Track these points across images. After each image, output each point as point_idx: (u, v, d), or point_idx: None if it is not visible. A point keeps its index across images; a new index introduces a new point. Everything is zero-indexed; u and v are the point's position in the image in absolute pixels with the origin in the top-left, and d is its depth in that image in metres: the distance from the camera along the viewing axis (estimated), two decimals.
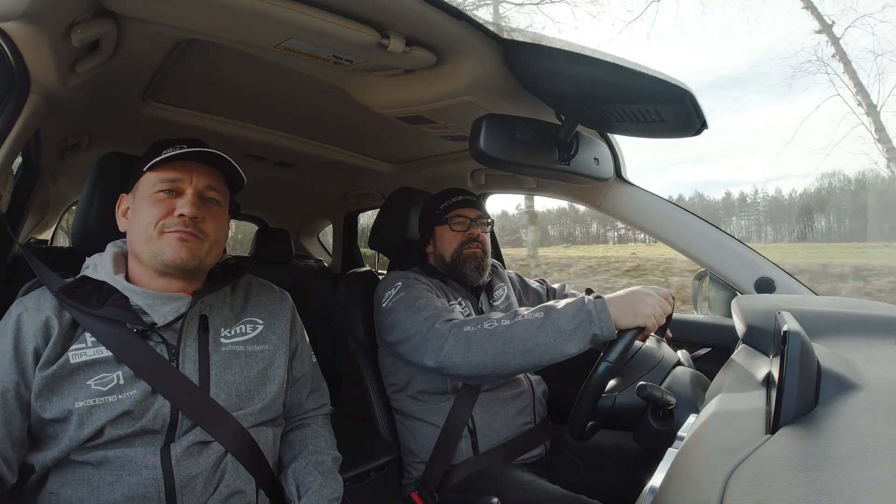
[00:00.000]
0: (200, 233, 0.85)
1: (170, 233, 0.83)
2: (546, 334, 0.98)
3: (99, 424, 0.76)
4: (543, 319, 0.99)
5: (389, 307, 1.24)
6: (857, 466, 0.38)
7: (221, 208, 0.91)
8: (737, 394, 0.66)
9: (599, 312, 0.97)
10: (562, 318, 0.98)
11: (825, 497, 0.35)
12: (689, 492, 0.46)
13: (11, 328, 0.78)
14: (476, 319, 1.07)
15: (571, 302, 1.01)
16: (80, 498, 0.76)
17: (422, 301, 1.19)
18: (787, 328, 0.52)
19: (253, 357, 0.91)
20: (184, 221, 0.83)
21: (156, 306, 0.83)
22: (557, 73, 0.90)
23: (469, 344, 1.03)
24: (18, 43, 0.81)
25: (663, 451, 0.62)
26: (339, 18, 0.80)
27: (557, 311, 1.00)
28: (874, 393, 0.52)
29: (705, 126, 0.89)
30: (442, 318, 1.12)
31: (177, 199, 0.85)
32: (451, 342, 1.05)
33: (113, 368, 0.79)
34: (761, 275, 1.28)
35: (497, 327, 1.02)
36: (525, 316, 1.02)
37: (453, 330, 1.07)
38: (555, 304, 1.03)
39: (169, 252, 0.83)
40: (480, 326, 1.04)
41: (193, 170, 0.86)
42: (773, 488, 0.38)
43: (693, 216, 1.36)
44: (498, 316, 1.06)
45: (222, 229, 0.91)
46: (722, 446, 0.49)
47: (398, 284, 1.27)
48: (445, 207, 1.38)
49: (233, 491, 0.83)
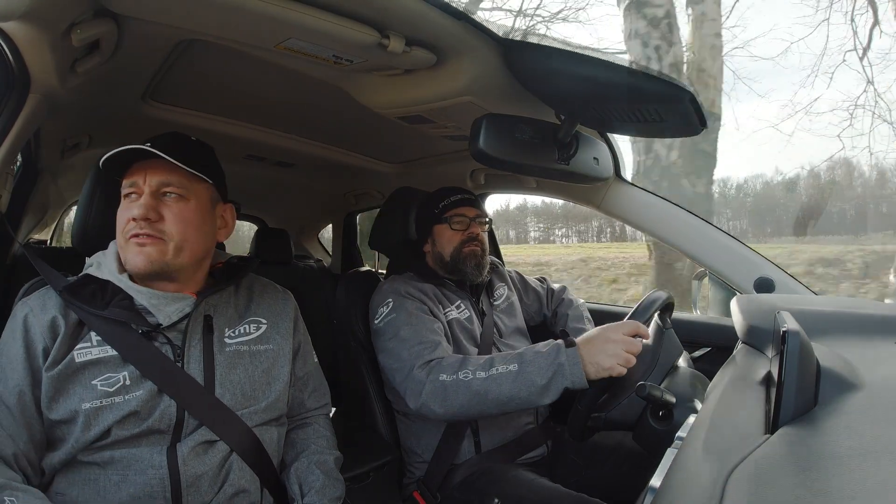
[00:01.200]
0: (159, 233, 0.82)
1: (130, 238, 0.82)
2: (520, 389, 1.01)
3: (106, 426, 0.76)
4: (517, 374, 1.02)
5: (380, 328, 1.26)
6: (856, 466, 0.38)
7: (185, 202, 0.84)
8: (736, 394, 0.66)
9: (572, 366, 0.99)
10: (535, 373, 1.01)
11: (825, 497, 0.35)
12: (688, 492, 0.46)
13: (20, 330, 0.78)
14: (453, 366, 1.09)
15: (545, 353, 1.03)
16: (86, 498, 0.76)
17: (406, 330, 1.20)
18: (787, 328, 0.52)
19: (257, 357, 0.91)
20: (138, 224, 0.81)
21: (160, 306, 0.83)
22: (557, 73, 0.90)
23: (445, 395, 1.06)
24: (18, 43, 0.81)
25: (663, 451, 0.62)
26: (339, 18, 0.80)
27: (531, 364, 1.02)
28: (873, 393, 0.52)
29: (705, 126, 0.89)
30: (422, 358, 1.13)
31: (136, 202, 0.83)
32: (429, 390, 1.08)
33: (119, 368, 0.79)
34: (761, 274, 1.28)
35: (472, 380, 1.05)
36: (499, 369, 1.04)
37: (430, 377, 1.09)
38: (529, 355, 1.04)
39: (132, 259, 0.82)
40: (456, 377, 1.06)
41: (148, 168, 0.83)
42: (773, 488, 0.38)
43: (692, 216, 1.36)
44: (474, 365, 1.07)
45: (190, 223, 0.84)
46: (721, 446, 0.49)
47: (389, 302, 1.28)
48: (444, 206, 1.38)
49: (237, 490, 0.83)
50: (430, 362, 1.13)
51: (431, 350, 1.16)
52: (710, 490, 0.41)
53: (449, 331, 1.29)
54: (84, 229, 0.95)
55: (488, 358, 1.07)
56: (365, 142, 1.66)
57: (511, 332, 1.43)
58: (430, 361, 1.13)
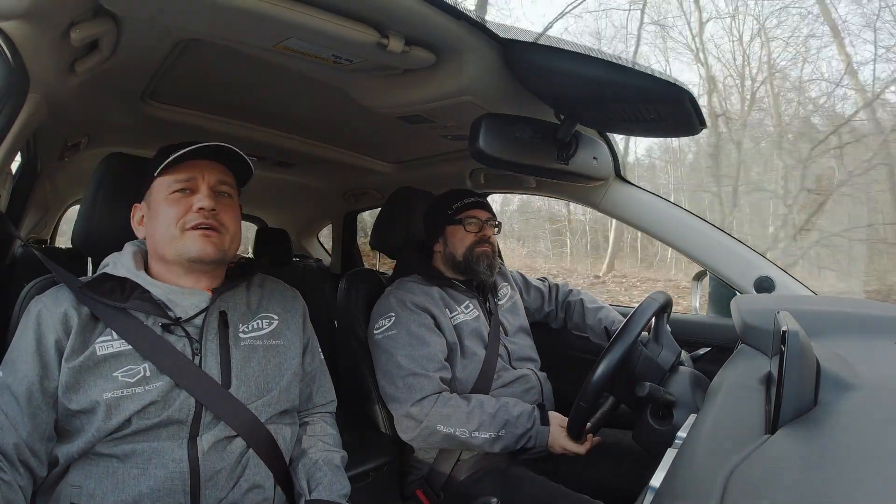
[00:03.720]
0: (220, 225, 0.88)
1: (191, 229, 0.86)
2: (491, 448, 1.18)
3: (127, 415, 0.77)
4: (495, 439, 1.17)
5: (378, 341, 1.29)
6: (856, 466, 0.38)
7: (234, 201, 0.94)
8: (736, 394, 0.66)
9: (538, 440, 1.17)
10: (511, 441, 1.17)
11: (825, 497, 0.35)
12: (688, 492, 0.46)
13: (32, 324, 0.80)
14: (444, 417, 1.18)
15: (520, 431, 1.17)
16: (104, 491, 0.77)
17: (402, 355, 1.23)
18: (787, 328, 0.52)
19: (270, 351, 0.93)
20: (203, 214, 0.85)
21: (178, 301, 0.86)
22: (557, 73, 0.90)
23: (430, 440, 1.21)
24: (18, 42, 0.80)
25: (663, 451, 0.62)
26: (339, 18, 0.80)
27: (510, 433, 1.17)
28: (873, 393, 0.52)
29: (704, 126, 0.89)
30: (418, 393, 1.20)
31: (192, 196, 0.87)
32: (418, 433, 1.20)
33: (139, 361, 0.81)
34: (761, 274, 1.28)
35: (457, 436, 1.17)
36: (481, 433, 1.17)
37: (424, 423, 1.19)
38: (510, 422, 1.18)
39: (193, 248, 0.85)
40: (441, 429, 1.18)
41: (204, 167, 0.89)
42: (773, 488, 0.38)
43: (692, 215, 1.36)
44: (461, 423, 1.18)
45: (238, 221, 0.94)
46: (721, 446, 0.49)
47: (391, 315, 1.30)
48: (458, 208, 1.40)
49: (252, 485, 0.84)
50: (423, 400, 1.20)
51: (427, 385, 1.21)
52: (710, 490, 0.41)
53: (456, 336, 1.31)
54: (88, 229, 0.95)
55: (483, 416, 1.18)
56: (365, 142, 1.66)
57: (516, 330, 1.45)
58: (423, 399, 1.20)
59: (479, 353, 1.32)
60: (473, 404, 1.19)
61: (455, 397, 1.21)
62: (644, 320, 1.00)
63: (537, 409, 1.22)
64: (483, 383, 1.29)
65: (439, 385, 1.22)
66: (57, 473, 0.79)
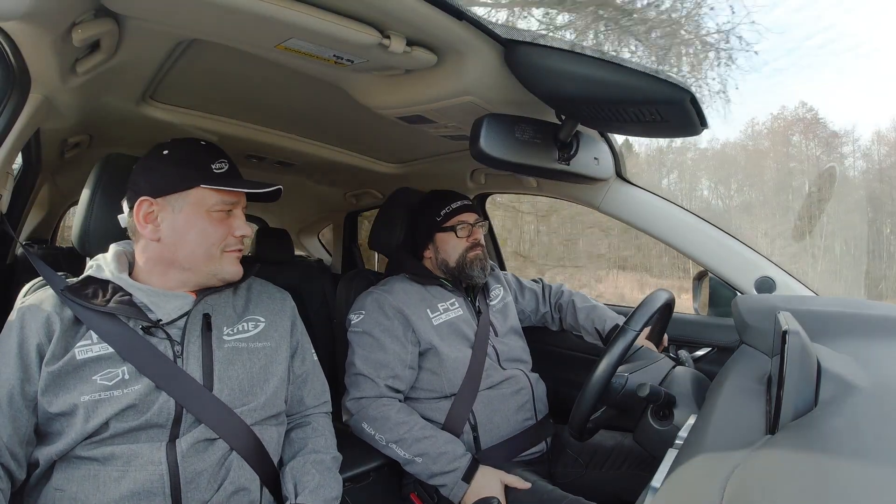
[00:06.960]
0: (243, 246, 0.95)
1: (230, 252, 0.91)
2: (408, 469, 1.19)
3: (104, 418, 0.77)
4: (408, 461, 1.18)
5: (348, 334, 1.34)
6: (856, 466, 0.38)
7: None
8: (737, 394, 0.66)
9: (453, 491, 1.13)
10: (424, 472, 1.16)
11: (825, 497, 0.35)
12: (689, 492, 0.46)
13: (16, 327, 0.80)
14: (371, 420, 1.21)
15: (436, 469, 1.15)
16: (86, 494, 0.77)
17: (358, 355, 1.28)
18: (787, 328, 0.52)
19: (255, 353, 0.92)
20: (239, 241, 0.92)
21: (160, 303, 0.85)
22: (558, 73, 0.90)
23: (360, 435, 1.24)
24: (19, 42, 0.81)
25: (663, 451, 0.62)
26: (340, 18, 0.80)
27: (425, 465, 1.16)
28: (874, 393, 0.52)
29: (705, 126, 0.89)
30: (360, 391, 1.25)
31: (230, 219, 0.91)
32: (351, 423, 1.25)
33: (118, 364, 0.81)
34: (761, 274, 1.28)
35: (377, 440, 1.20)
36: (398, 448, 1.18)
37: (354, 416, 1.24)
38: (429, 455, 1.16)
39: (230, 270, 0.91)
40: (366, 428, 1.22)
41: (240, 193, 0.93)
42: (774, 488, 0.38)
43: (693, 215, 1.36)
44: (390, 433, 1.19)
45: None
46: (722, 446, 0.49)
47: (361, 314, 1.33)
48: (446, 214, 1.39)
49: (237, 488, 0.84)
50: (361, 399, 1.24)
51: (369, 388, 1.25)
52: (710, 490, 0.41)
53: (436, 337, 1.30)
54: (85, 232, 0.95)
55: (407, 434, 1.18)
56: (365, 142, 1.66)
57: (506, 332, 1.44)
58: (361, 398, 1.24)
59: (465, 353, 1.32)
60: (405, 420, 1.20)
61: (395, 406, 1.23)
62: (650, 313, 1.00)
63: (469, 461, 1.16)
64: (470, 383, 1.29)
65: (383, 391, 1.25)
66: (39, 476, 0.79)
